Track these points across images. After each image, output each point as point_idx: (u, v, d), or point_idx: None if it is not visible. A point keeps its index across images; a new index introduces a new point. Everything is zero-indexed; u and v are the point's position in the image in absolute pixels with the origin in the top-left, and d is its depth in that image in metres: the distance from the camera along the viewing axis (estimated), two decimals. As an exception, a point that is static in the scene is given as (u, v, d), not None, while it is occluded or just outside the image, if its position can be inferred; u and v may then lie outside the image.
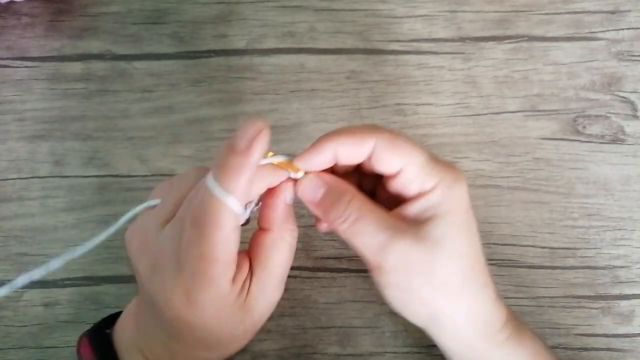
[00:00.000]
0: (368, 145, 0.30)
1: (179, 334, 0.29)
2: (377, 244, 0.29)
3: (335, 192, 0.30)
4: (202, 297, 0.28)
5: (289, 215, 0.31)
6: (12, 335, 0.39)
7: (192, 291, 0.28)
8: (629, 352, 0.39)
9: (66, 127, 0.43)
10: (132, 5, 0.45)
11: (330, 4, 0.45)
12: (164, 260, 0.28)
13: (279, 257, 0.31)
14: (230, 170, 0.27)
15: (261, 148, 0.27)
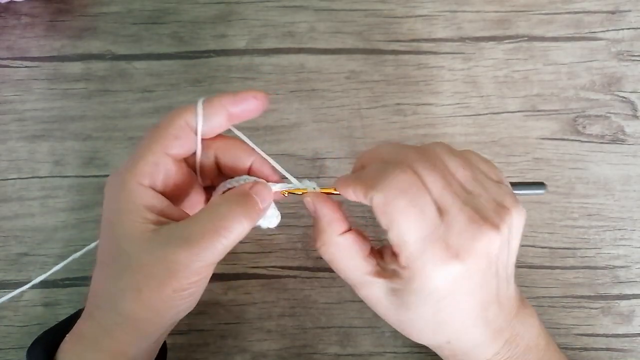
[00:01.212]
0: (366, 199, 0.29)
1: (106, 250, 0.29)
2: (347, 281, 0.32)
3: (316, 228, 0.31)
4: (130, 179, 0.28)
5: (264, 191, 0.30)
6: (12, 335, 0.39)
7: (125, 174, 0.29)
8: (629, 352, 0.39)
9: (66, 127, 0.43)
10: (132, 5, 0.45)
11: (330, 4, 0.45)
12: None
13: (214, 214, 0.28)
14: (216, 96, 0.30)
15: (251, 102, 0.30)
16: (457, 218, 0.27)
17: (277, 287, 0.40)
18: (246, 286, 0.40)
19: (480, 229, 0.27)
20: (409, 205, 0.27)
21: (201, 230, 0.27)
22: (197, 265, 0.27)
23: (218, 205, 0.29)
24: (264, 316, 0.39)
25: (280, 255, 0.40)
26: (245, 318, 0.39)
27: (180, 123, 0.29)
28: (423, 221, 0.27)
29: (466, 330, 0.30)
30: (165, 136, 0.29)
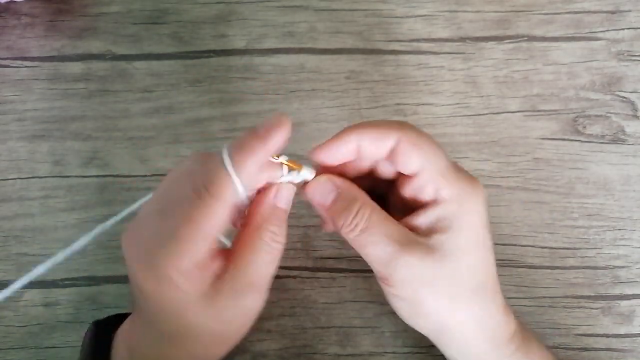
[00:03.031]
0: (391, 139, 0.29)
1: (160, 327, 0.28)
2: (385, 256, 0.29)
3: (346, 199, 0.30)
4: (176, 275, 0.26)
5: (274, 216, 0.30)
6: (12, 335, 0.39)
7: (168, 267, 0.26)
8: (629, 352, 0.39)
9: (66, 127, 0.43)
10: (132, 5, 0.45)
11: (330, 4, 0.45)
12: (149, 239, 0.27)
13: (254, 257, 0.29)
14: (245, 148, 0.27)
15: (280, 137, 0.27)
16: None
17: (277, 287, 0.40)
18: (246, 286, 0.40)
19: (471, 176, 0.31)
20: (433, 142, 0.29)
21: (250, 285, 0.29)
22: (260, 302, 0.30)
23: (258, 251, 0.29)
24: (264, 316, 0.39)
25: (280, 255, 0.40)
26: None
27: (224, 211, 0.27)
28: (443, 153, 0.30)
29: (495, 284, 0.31)
30: (206, 231, 0.27)
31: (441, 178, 0.29)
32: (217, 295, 0.28)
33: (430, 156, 0.29)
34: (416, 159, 0.29)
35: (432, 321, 0.31)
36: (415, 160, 0.29)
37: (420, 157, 0.29)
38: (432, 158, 0.29)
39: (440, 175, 0.29)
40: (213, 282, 0.28)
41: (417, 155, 0.29)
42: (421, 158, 0.29)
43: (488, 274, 0.30)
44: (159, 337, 0.29)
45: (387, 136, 0.29)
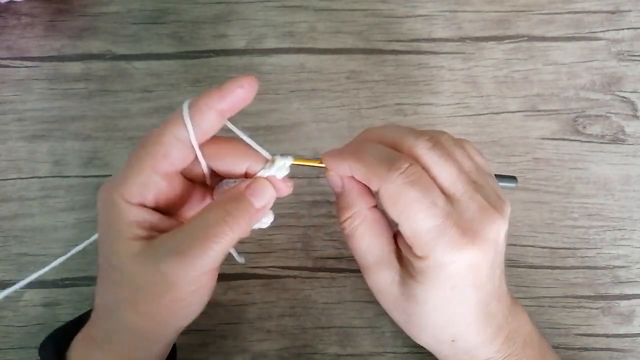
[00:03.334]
0: (374, 186, 0.29)
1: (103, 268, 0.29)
2: (361, 263, 0.31)
3: (344, 200, 0.31)
4: (116, 195, 0.28)
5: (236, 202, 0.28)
6: (12, 335, 0.39)
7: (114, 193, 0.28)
8: (629, 352, 0.39)
9: (66, 127, 0.43)
10: (132, 5, 0.45)
11: (330, 4, 0.45)
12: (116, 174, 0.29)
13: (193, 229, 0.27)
14: (202, 95, 0.28)
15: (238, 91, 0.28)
16: (469, 206, 0.28)
17: (277, 287, 0.40)
18: (246, 286, 0.40)
19: (492, 216, 0.28)
20: (420, 196, 0.27)
21: (190, 239, 0.27)
22: (191, 275, 0.27)
23: (207, 212, 0.28)
24: (264, 316, 0.39)
25: (280, 255, 0.40)
26: (245, 318, 0.39)
27: (169, 139, 0.28)
28: (435, 209, 0.27)
29: (471, 325, 0.30)
30: (153, 155, 0.28)
31: (414, 239, 0.28)
32: (149, 246, 0.27)
33: (406, 216, 0.27)
34: (392, 213, 0.28)
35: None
36: (391, 212, 0.28)
37: (394, 214, 0.28)
38: (409, 219, 0.27)
39: (413, 237, 0.28)
40: (150, 232, 0.28)
41: (392, 212, 0.28)
42: (396, 216, 0.28)
43: (451, 322, 0.30)
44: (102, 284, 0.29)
45: (371, 181, 0.29)
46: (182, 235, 0.27)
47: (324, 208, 0.41)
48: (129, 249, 0.27)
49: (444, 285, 0.28)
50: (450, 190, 0.28)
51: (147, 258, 0.27)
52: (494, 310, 0.30)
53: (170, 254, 0.27)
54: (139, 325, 0.28)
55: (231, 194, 0.29)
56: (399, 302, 0.30)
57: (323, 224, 0.41)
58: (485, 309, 0.30)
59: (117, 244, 0.28)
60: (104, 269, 0.29)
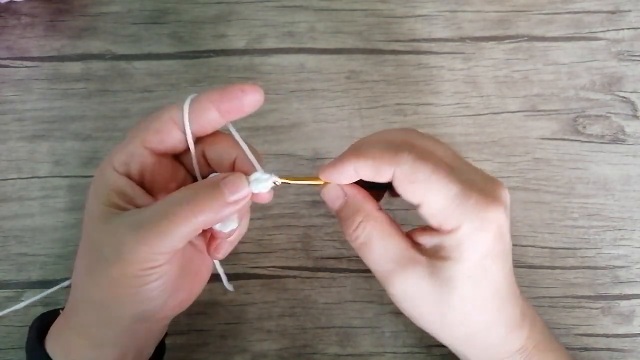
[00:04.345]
0: (386, 173, 0.28)
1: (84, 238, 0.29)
2: (382, 271, 0.30)
3: (350, 208, 0.30)
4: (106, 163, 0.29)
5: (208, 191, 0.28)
6: (12, 335, 0.39)
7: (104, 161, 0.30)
8: (629, 352, 0.39)
9: (66, 127, 0.43)
10: (132, 5, 0.45)
11: (330, 4, 0.45)
12: None
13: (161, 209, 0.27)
14: (205, 91, 0.29)
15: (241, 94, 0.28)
16: (474, 176, 0.29)
17: (277, 287, 0.40)
18: (246, 286, 0.40)
19: (496, 182, 0.29)
20: (435, 167, 0.27)
21: (152, 215, 0.27)
22: (143, 250, 0.26)
23: (177, 193, 0.28)
24: (264, 316, 0.39)
25: (280, 255, 0.40)
26: (245, 318, 0.39)
27: (165, 118, 0.29)
28: (453, 176, 0.27)
29: (506, 303, 0.30)
30: (146, 129, 0.29)
31: (443, 211, 0.27)
32: (116, 215, 0.28)
33: (430, 190, 0.27)
34: (413, 194, 0.28)
35: (429, 333, 0.32)
36: (412, 194, 0.28)
37: (417, 193, 0.28)
38: (433, 191, 0.27)
39: (441, 209, 0.27)
40: (127, 204, 0.28)
41: (414, 192, 0.28)
42: (419, 193, 0.28)
43: (487, 302, 0.29)
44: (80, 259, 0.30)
45: (382, 169, 0.28)
46: (147, 211, 0.27)
47: (324, 208, 0.41)
48: (100, 214, 0.28)
49: (478, 254, 0.28)
50: (453, 165, 0.28)
51: (110, 225, 0.27)
52: (515, 289, 0.30)
53: (129, 225, 0.27)
54: (93, 297, 0.28)
55: (206, 181, 0.29)
56: (432, 298, 0.29)
57: (323, 224, 0.41)
58: (512, 286, 0.30)
59: (94, 208, 0.28)
60: (82, 235, 0.30)
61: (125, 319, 0.29)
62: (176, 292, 0.30)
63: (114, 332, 0.29)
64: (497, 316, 0.30)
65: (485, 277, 0.29)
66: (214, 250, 0.32)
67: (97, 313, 0.29)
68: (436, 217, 0.28)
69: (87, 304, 0.29)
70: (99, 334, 0.29)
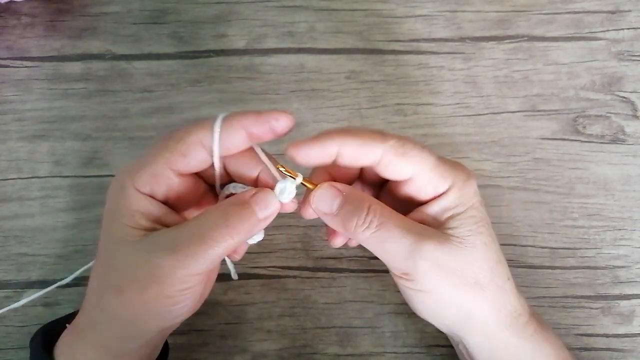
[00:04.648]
0: (376, 152, 0.29)
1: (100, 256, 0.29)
2: (405, 249, 0.29)
3: (354, 199, 0.29)
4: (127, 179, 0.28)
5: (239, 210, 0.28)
6: (12, 335, 0.39)
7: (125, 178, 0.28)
8: (629, 352, 0.39)
9: (66, 127, 0.43)
10: (132, 5, 0.45)
11: (330, 4, 0.45)
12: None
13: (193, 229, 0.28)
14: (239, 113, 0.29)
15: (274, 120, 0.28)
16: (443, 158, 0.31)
17: (277, 287, 0.40)
18: (246, 286, 0.40)
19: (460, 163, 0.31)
20: (418, 144, 0.29)
21: (187, 238, 0.27)
22: (181, 273, 0.27)
23: (209, 214, 0.28)
24: (264, 316, 0.39)
25: (280, 255, 0.40)
26: (245, 318, 0.39)
27: (193, 140, 0.28)
28: (428, 151, 0.30)
29: (504, 262, 0.31)
30: (173, 151, 0.28)
31: (436, 176, 0.29)
32: (147, 237, 0.28)
33: (419, 160, 0.29)
34: (406, 167, 0.29)
35: (455, 313, 0.31)
36: (406, 168, 0.29)
37: (410, 164, 0.29)
38: (422, 161, 0.29)
39: (432, 174, 0.29)
40: (153, 223, 0.28)
41: (407, 164, 0.29)
42: (411, 165, 0.29)
43: (499, 253, 0.31)
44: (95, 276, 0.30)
45: (371, 148, 0.29)
46: (180, 233, 0.27)
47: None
48: (127, 236, 0.28)
49: (477, 200, 0.30)
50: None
51: (142, 248, 0.27)
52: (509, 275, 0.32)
53: (164, 248, 0.27)
54: (121, 316, 0.28)
55: (236, 200, 0.28)
56: (460, 259, 0.29)
57: (323, 224, 0.41)
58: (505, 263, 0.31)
59: (117, 229, 0.28)
60: (100, 253, 0.29)
61: (149, 333, 0.29)
62: (195, 303, 0.30)
63: (135, 345, 0.30)
64: (507, 269, 0.31)
65: (488, 223, 0.31)
66: (235, 252, 0.32)
67: (122, 329, 0.29)
68: (430, 182, 0.30)
69: (110, 322, 0.29)
70: (119, 347, 0.29)
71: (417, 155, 0.29)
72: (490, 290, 0.30)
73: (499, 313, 0.30)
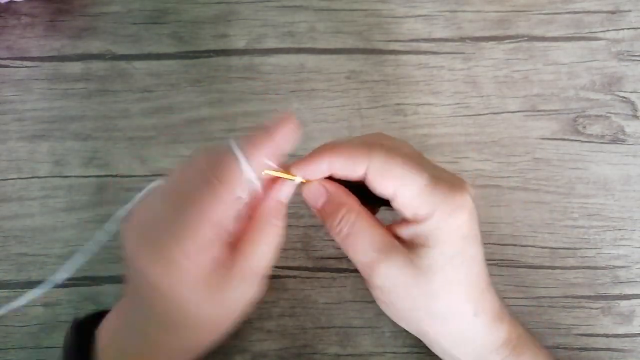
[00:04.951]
0: (360, 168, 0.29)
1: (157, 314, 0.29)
2: (366, 261, 0.30)
3: (333, 203, 0.31)
4: (183, 259, 0.27)
5: (277, 210, 0.31)
6: (12, 335, 0.39)
7: (174, 251, 0.27)
8: (629, 352, 0.39)
9: (66, 127, 0.43)
10: (132, 5, 0.45)
11: (330, 4, 0.45)
12: (154, 225, 0.27)
13: (260, 247, 0.30)
14: (254, 140, 0.28)
15: (288, 134, 0.28)
16: (439, 171, 0.30)
17: (277, 287, 0.40)
18: (246, 286, 0.40)
19: (459, 178, 0.30)
20: (406, 160, 0.29)
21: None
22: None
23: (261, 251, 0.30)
24: (264, 316, 0.39)
25: (280, 255, 0.40)
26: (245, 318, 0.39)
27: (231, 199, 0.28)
28: (422, 167, 0.29)
29: (485, 292, 0.31)
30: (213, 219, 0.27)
31: (416, 200, 0.29)
32: (223, 282, 0.28)
33: (402, 180, 0.29)
34: (386, 186, 0.29)
35: (413, 328, 0.32)
36: (386, 187, 0.29)
37: (390, 183, 0.29)
38: (405, 181, 0.29)
39: (414, 198, 0.29)
40: (218, 269, 0.28)
41: (387, 183, 0.29)
42: (392, 184, 0.29)
43: (469, 287, 0.30)
44: (151, 324, 0.29)
45: (356, 163, 0.29)
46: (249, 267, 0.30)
47: (324, 208, 0.41)
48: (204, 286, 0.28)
49: (454, 237, 0.29)
50: (420, 161, 0.30)
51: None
52: (490, 280, 0.31)
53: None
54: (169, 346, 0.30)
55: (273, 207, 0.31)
56: (416, 288, 0.29)
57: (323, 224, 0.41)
58: (488, 276, 0.31)
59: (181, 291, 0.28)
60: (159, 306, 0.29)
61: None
62: None
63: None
64: (481, 304, 0.30)
65: (463, 261, 0.29)
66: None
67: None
68: (410, 206, 0.29)
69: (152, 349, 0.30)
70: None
71: (401, 176, 0.29)
72: (447, 322, 0.31)
73: (456, 343, 0.31)
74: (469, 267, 0.30)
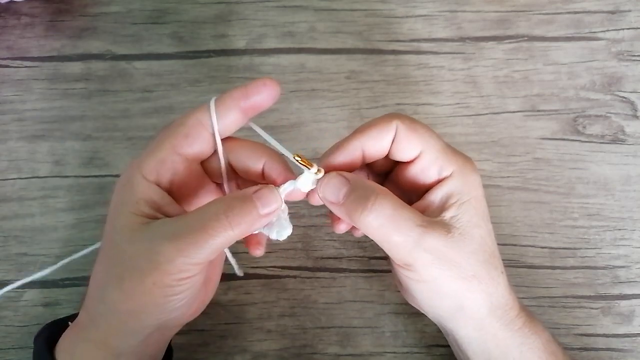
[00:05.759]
0: (391, 130, 0.30)
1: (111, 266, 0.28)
2: (409, 240, 0.29)
3: (361, 187, 0.29)
4: (135, 169, 0.29)
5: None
6: (12, 335, 0.39)
7: (132, 163, 0.29)
8: (629, 352, 0.39)
9: (66, 127, 0.43)
10: (132, 5, 0.45)
11: (330, 4, 0.45)
12: None
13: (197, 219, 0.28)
14: (228, 93, 0.30)
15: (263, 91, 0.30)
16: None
17: (277, 287, 0.40)
18: (246, 286, 0.40)
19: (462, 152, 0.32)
20: (426, 126, 0.31)
21: (189, 226, 0.27)
22: (180, 261, 0.27)
23: (212, 205, 0.28)
24: (264, 316, 0.39)
25: (280, 255, 0.40)
26: (245, 318, 0.39)
27: (192, 121, 0.30)
28: (437, 135, 0.31)
29: (500, 262, 0.31)
30: (175, 134, 0.29)
31: (443, 156, 0.30)
32: (148, 225, 0.28)
33: (428, 138, 0.31)
34: (417, 142, 0.30)
35: (450, 304, 0.31)
36: (416, 143, 0.30)
37: (420, 139, 0.30)
38: (431, 140, 0.31)
39: (439, 155, 0.30)
40: (156, 212, 0.29)
41: (417, 138, 0.30)
42: (421, 140, 0.30)
43: (494, 246, 0.31)
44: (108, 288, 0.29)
45: (387, 128, 0.30)
46: (182, 222, 0.28)
47: (324, 208, 0.41)
48: (129, 224, 0.28)
49: (477, 193, 0.31)
50: None
51: (143, 235, 0.27)
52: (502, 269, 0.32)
53: (165, 236, 0.27)
54: (122, 307, 0.28)
55: (239, 194, 0.29)
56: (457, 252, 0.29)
57: (323, 224, 0.41)
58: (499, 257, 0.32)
59: (120, 218, 0.28)
60: (104, 245, 0.29)
61: (148, 328, 0.29)
62: (195, 300, 0.30)
63: (134, 342, 0.29)
64: (501, 263, 0.32)
65: (487, 214, 0.31)
66: (257, 249, 0.33)
67: (121, 323, 0.29)
68: (436, 163, 0.30)
69: (111, 314, 0.29)
70: (119, 344, 0.29)
71: (426, 133, 0.31)
72: (485, 282, 0.30)
73: (491, 305, 0.31)
74: (490, 225, 0.31)
